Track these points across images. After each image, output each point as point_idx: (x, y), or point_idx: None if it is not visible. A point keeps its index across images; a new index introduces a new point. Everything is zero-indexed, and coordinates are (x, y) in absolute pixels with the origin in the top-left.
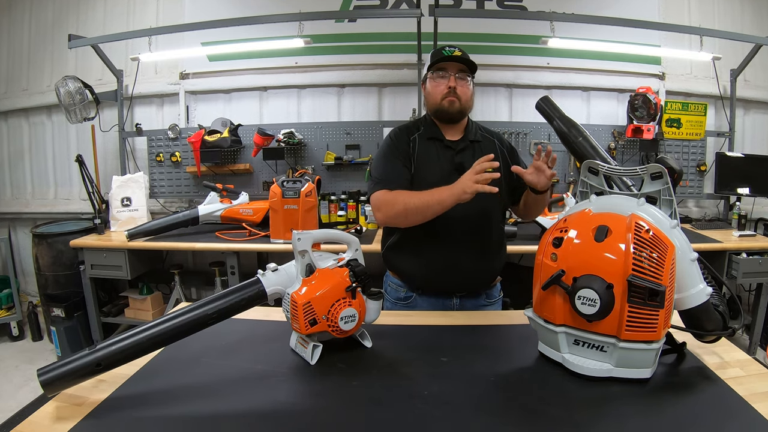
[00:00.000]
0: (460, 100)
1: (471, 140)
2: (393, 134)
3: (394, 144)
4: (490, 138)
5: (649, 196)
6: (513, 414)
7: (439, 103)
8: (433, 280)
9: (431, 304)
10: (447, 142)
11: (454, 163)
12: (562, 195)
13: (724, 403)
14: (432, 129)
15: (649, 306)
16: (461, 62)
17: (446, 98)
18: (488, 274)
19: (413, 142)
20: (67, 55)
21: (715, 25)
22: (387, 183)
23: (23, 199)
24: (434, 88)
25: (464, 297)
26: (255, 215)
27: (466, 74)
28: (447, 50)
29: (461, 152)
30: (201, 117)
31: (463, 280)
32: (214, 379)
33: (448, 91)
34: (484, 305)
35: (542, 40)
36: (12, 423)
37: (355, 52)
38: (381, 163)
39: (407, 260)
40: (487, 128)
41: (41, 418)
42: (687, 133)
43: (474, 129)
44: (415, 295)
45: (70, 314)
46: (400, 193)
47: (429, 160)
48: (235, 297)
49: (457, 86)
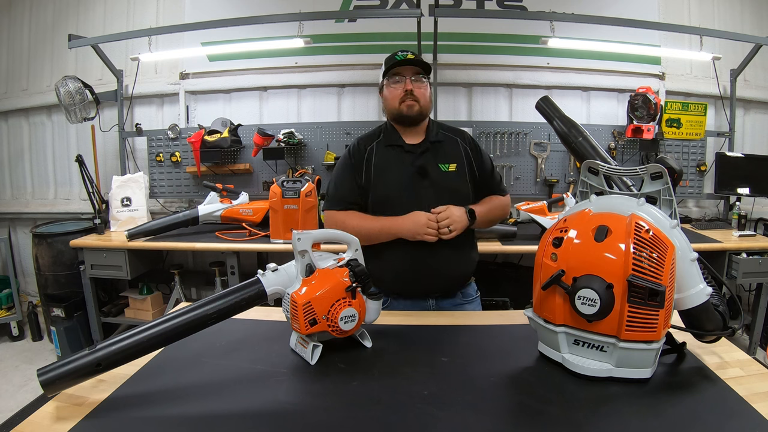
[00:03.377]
0: (419, 102)
1: (432, 141)
2: (352, 146)
3: (350, 158)
4: (451, 137)
5: (649, 196)
6: (513, 414)
7: (397, 108)
8: (403, 283)
9: (408, 306)
10: (407, 147)
11: (415, 166)
12: (562, 195)
13: (724, 403)
14: (392, 135)
15: (649, 306)
16: (415, 65)
17: (404, 102)
18: (459, 273)
19: (370, 152)
20: (67, 55)
21: (714, 25)
22: (337, 203)
23: (23, 199)
24: (391, 93)
25: (439, 298)
26: (255, 215)
27: (421, 76)
28: (400, 54)
29: (422, 155)
30: (201, 117)
31: (433, 281)
32: (214, 379)
33: (404, 95)
34: (461, 304)
35: (542, 40)
36: (12, 423)
37: (355, 52)
38: (335, 179)
39: (381, 265)
40: (450, 126)
41: (41, 418)
42: (687, 133)
43: (435, 129)
44: (390, 299)
45: (70, 314)
46: (351, 217)
47: (388, 167)
48: (235, 297)
49: (415, 88)
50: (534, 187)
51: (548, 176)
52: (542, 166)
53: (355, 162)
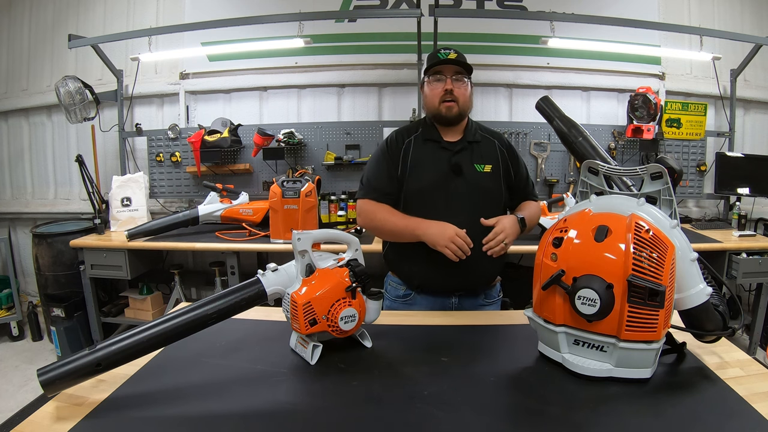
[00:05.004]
0: (458, 102)
1: (469, 141)
2: (389, 138)
3: (387, 149)
4: (489, 138)
5: (649, 196)
6: (513, 414)
7: (437, 108)
8: (433, 279)
9: (430, 302)
10: (444, 144)
11: (451, 164)
12: (562, 195)
13: (724, 403)
14: (430, 131)
15: (649, 306)
16: (457, 64)
17: (444, 103)
18: (488, 274)
19: (408, 145)
20: (67, 55)
21: (714, 25)
22: (372, 192)
23: (23, 199)
24: (432, 91)
25: (463, 296)
26: (255, 215)
27: (462, 75)
28: (442, 53)
29: (458, 153)
30: (201, 117)
31: (462, 279)
32: (214, 379)
33: (445, 94)
34: (482, 305)
35: (542, 40)
36: (12, 423)
37: (355, 52)
38: (371, 168)
39: (407, 259)
40: (488, 128)
41: (41, 418)
42: (687, 133)
43: (474, 129)
44: (414, 293)
45: (70, 314)
46: (381, 209)
47: (424, 162)
48: (235, 297)
49: (455, 88)
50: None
51: (548, 176)
52: (542, 166)
53: (392, 154)
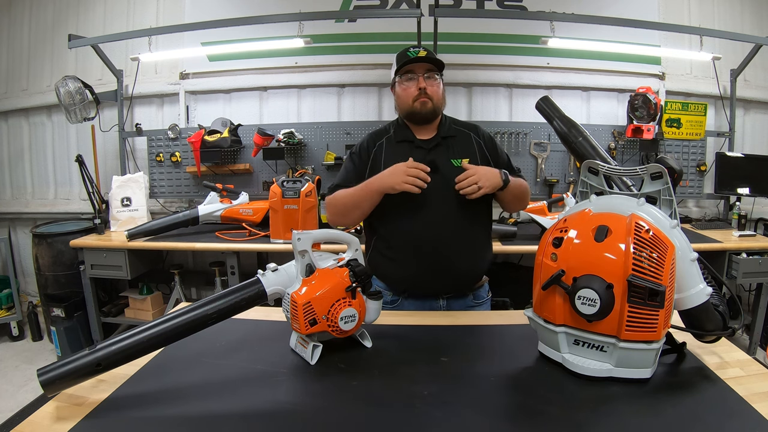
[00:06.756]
0: (432, 99)
1: (443, 137)
2: (360, 143)
3: (358, 153)
4: (465, 131)
5: (649, 196)
6: (513, 414)
7: (411, 106)
8: (418, 282)
9: (417, 306)
10: (418, 142)
11: (426, 161)
12: (562, 195)
13: (724, 403)
14: (403, 131)
15: (649, 306)
16: (428, 62)
17: (417, 100)
18: (474, 275)
19: (380, 147)
20: (67, 55)
21: (714, 25)
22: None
23: (23, 199)
24: (404, 91)
25: (451, 298)
26: (255, 215)
27: (434, 73)
28: (412, 51)
29: (433, 150)
30: (201, 117)
31: (448, 281)
32: (214, 379)
33: (418, 93)
34: (471, 306)
35: (542, 40)
36: (12, 423)
37: (355, 52)
38: (340, 173)
39: (391, 263)
40: (463, 122)
41: (41, 418)
42: (687, 133)
43: (447, 125)
44: (401, 298)
45: (70, 314)
46: (339, 193)
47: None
48: (235, 297)
49: (427, 86)
50: (534, 187)
51: (548, 176)
52: (542, 166)
53: (361, 157)
